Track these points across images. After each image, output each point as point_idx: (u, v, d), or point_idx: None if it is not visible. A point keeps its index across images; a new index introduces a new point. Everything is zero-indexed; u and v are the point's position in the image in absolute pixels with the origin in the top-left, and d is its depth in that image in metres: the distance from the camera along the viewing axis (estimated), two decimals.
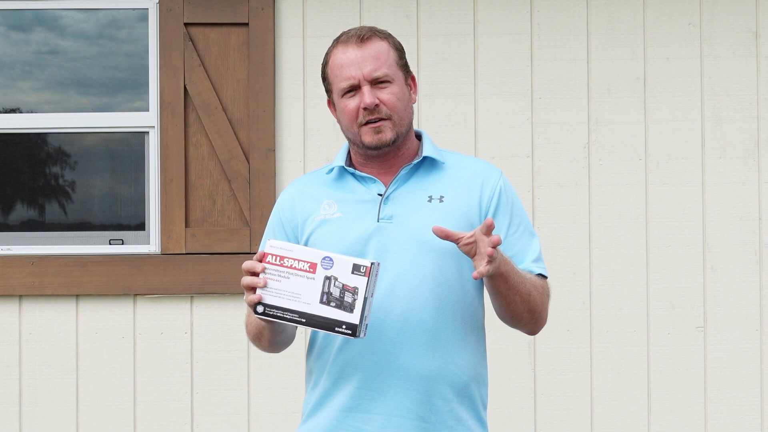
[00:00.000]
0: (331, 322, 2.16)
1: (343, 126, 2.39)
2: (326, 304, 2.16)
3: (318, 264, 2.17)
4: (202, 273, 4.24)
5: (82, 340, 4.27)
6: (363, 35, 2.35)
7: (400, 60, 2.38)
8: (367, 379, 2.31)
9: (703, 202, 4.33)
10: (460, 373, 2.34)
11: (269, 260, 2.20)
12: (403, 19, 4.30)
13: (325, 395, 2.37)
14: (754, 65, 4.35)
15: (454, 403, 2.34)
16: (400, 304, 2.31)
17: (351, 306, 2.15)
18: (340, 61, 2.35)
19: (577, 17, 4.35)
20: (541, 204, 4.31)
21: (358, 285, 2.15)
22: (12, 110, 4.46)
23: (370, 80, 2.32)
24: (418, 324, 2.31)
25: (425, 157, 2.40)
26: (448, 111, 4.29)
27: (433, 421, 2.32)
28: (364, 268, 2.15)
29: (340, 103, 2.36)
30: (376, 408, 2.31)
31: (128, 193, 4.43)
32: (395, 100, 2.34)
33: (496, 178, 2.42)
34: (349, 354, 2.33)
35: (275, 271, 2.19)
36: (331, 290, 2.16)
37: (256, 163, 4.26)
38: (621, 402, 4.30)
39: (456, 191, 2.37)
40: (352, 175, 2.41)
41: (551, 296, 2.42)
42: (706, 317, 4.32)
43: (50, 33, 4.48)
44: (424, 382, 2.31)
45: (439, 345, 2.32)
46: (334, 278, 2.16)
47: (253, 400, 4.27)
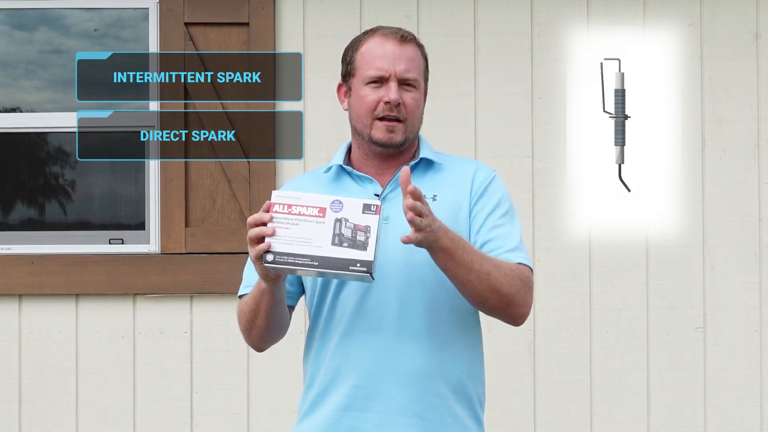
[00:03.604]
0: (344, 262, 2.12)
1: (355, 114, 2.41)
2: (338, 245, 2.13)
3: (327, 208, 2.15)
4: (202, 273, 4.24)
5: (82, 340, 4.27)
6: (405, 35, 2.39)
7: (425, 72, 2.44)
8: (364, 378, 2.32)
9: (703, 203, 4.33)
10: (456, 371, 2.35)
11: (276, 209, 2.16)
12: (403, 19, 4.30)
13: (321, 394, 2.38)
14: (754, 66, 4.35)
15: (450, 401, 2.35)
16: (395, 303, 2.32)
17: (364, 244, 2.12)
18: (376, 51, 2.38)
19: (577, 17, 4.35)
20: (541, 204, 4.31)
21: (370, 223, 2.13)
22: (12, 109, 4.46)
23: (400, 79, 2.36)
24: (414, 323, 2.32)
25: (422, 158, 2.43)
26: (448, 111, 4.29)
27: (431, 419, 2.32)
28: (375, 206, 2.14)
29: (361, 90, 2.38)
30: (373, 406, 2.32)
31: (128, 192, 4.43)
32: (415, 105, 2.39)
33: (488, 171, 2.44)
34: (345, 353, 2.34)
35: (283, 219, 2.15)
36: (343, 231, 2.14)
37: (256, 163, 4.26)
38: (621, 402, 4.30)
39: (449, 189, 2.40)
40: (349, 175, 2.43)
41: (531, 285, 2.35)
42: (705, 318, 4.32)
43: (52, 32, 4.48)
44: (420, 380, 2.32)
45: (434, 343, 2.33)
46: (345, 219, 2.14)
47: (253, 400, 4.27)
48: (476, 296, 2.28)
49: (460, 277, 2.25)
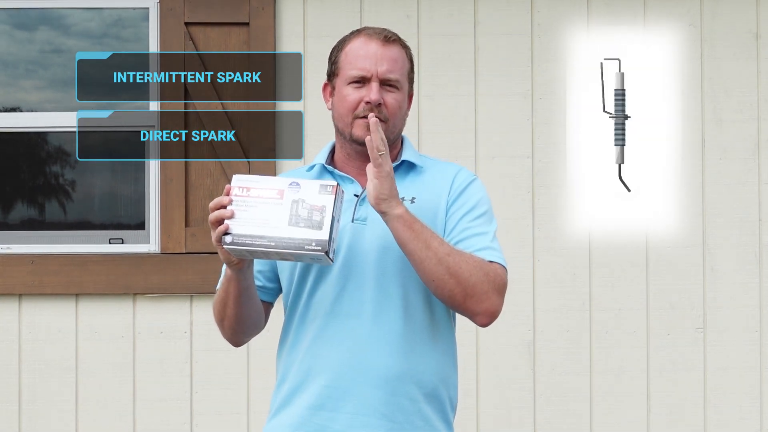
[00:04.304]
0: (300, 241, 2.16)
1: (337, 113, 2.42)
2: (295, 225, 2.17)
3: (285, 189, 2.19)
4: (202, 272, 4.24)
5: (82, 340, 4.27)
6: (389, 36, 2.40)
7: (410, 73, 2.44)
8: (335, 378, 2.34)
9: (703, 203, 4.33)
10: (428, 374, 2.36)
11: (236, 192, 2.21)
12: (404, 19, 4.30)
13: (292, 392, 2.40)
14: (754, 66, 4.35)
15: (421, 404, 2.36)
16: (369, 305, 2.33)
17: (320, 224, 2.16)
18: (359, 51, 2.39)
19: (577, 17, 4.34)
20: (541, 204, 4.31)
21: (325, 203, 2.17)
22: (12, 109, 4.46)
23: (381, 79, 2.37)
24: (387, 325, 2.33)
25: (403, 161, 2.44)
26: (448, 111, 4.29)
27: (400, 421, 2.34)
28: (331, 187, 2.18)
29: (343, 89, 2.39)
30: (343, 407, 2.33)
31: (128, 192, 4.43)
32: (397, 106, 2.39)
33: (467, 176, 2.44)
34: (318, 352, 2.35)
35: (242, 202, 2.20)
36: (299, 212, 2.17)
37: (256, 163, 4.26)
38: (620, 403, 4.30)
39: (427, 192, 2.40)
40: (330, 174, 2.44)
41: (501, 283, 2.30)
42: (705, 318, 4.32)
43: (53, 32, 4.48)
44: (391, 382, 2.33)
45: (407, 346, 2.34)
46: (302, 200, 2.18)
47: (253, 400, 4.27)
48: (434, 279, 2.25)
49: (417, 253, 2.24)
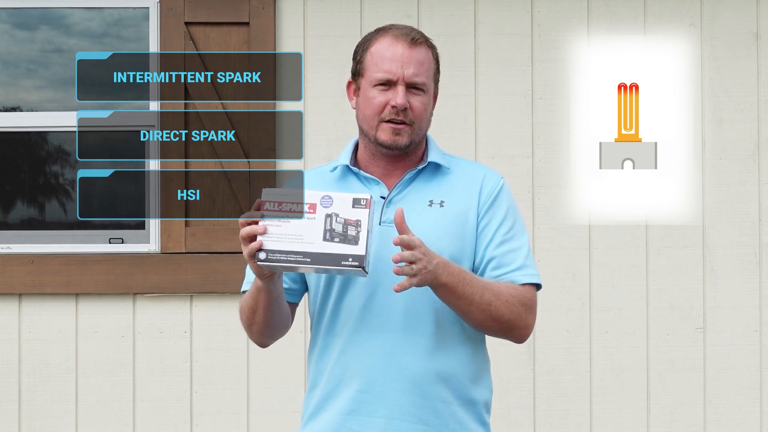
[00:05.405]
0: (336, 257, 2.13)
1: (363, 115, 2.39)
2: (330, 240, 2.14)
3: (317, 203, 2.16)
4: (202, 272, 4.25)
5: (82, 339, 4.27)
6: (416, 38, 2.36)
7: (435, 74, 2.41)
8: (368, 383, 2.32)
9: (703, 203, 4.33)
10: (461, 376, 2.35)
11: (267, 207, 2.17)
12: (404, 19, 4.30)
13: (325, 398, 2.37)
14: (754, 66, 4.34)
15: (455, 407, 2.34)
16: (400, 308, 2.31)
17: (355, 239, 2.13)
18: (386, 53, 2.35)
19: (578, 17, 4.34)
20: (541, 204, 4.31)
21: (360, 218, 2.14)
22: (12, 108, 4.46)
23: (408, 83, 2.34)
24: (419, 328, 2.32)
25: (429, 162, 2.41)
26: (448, 111, 4.29)
27: (435, 424, 2.32)
28: (365, 200, 2.15)
29: (369, 91, 2.36)
30: (377, 411, 2.31)
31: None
32: (423, 109, 2.36)
33: (496, 180, 2.43)
34: (351, 357, 2.33)
35: (274, 217, 2.17)
36: (334, 226, 2.15)
37: (256, 163, 4.26)
38: (620, 403, 4.30)
39: (456, 196, 2.38)
40: (355, 176, 2.41)
41: (534, 305, 2.36)
42: (705, 318, 4.32)
43: (53, 31, 4.48)
44: (424, 386, 2.31)
45: (439, 348, 2.33)
46: (335, 215, 2.15)
47: (253, 400, 4.27)
48: (477, 324, 2.31)
49: (461, 309, 2.27)
